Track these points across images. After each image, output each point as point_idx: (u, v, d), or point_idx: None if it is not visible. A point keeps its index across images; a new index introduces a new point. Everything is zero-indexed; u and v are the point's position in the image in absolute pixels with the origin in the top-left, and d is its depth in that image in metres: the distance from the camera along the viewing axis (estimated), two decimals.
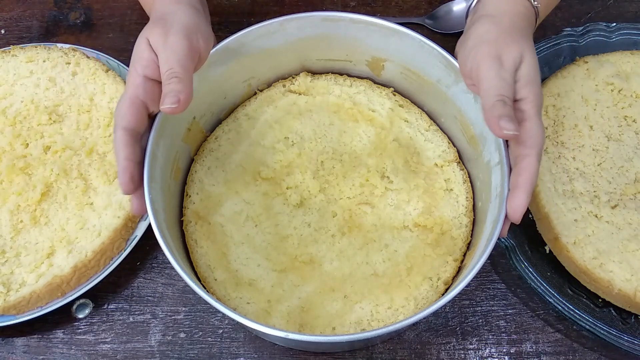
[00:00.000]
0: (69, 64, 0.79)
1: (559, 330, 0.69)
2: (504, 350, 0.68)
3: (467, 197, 0.67)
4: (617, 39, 0.81)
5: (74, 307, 0.70)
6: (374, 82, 0.73)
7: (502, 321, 0.69)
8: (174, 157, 0.64)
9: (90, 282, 0.67)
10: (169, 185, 0.63)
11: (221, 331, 0.69)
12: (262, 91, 0.73)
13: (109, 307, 0.70)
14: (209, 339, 0.69)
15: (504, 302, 0.70)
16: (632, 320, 0.66)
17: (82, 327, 0.69)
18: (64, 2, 0.92)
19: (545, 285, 0.66)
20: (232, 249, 0.63)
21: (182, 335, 0.69)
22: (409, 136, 0.70)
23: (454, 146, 0.70)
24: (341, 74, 0.73)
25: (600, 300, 0.67)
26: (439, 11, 0.89)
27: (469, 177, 0.68)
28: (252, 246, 0.64)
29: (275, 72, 0.72)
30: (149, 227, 0.67)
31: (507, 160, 0.57)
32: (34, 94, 0.77)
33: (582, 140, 0.73)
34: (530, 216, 0.72)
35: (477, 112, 0.62)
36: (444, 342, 0.68)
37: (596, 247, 0.66)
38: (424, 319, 0.59)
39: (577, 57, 0.79)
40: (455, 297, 0.52)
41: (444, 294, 0.56)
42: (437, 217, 0.65)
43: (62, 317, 0.69)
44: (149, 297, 0.71)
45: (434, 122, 0.71)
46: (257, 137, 0.69)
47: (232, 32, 0.64)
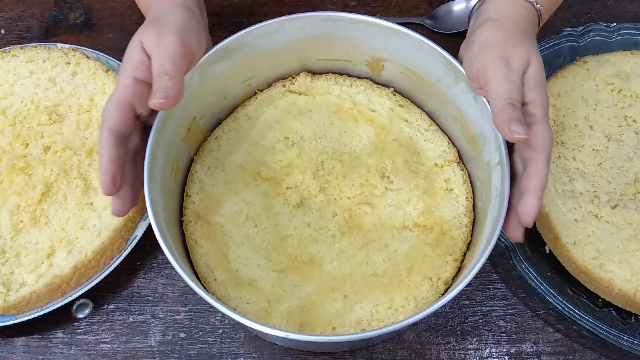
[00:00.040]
0: (69, 64, 0.79)
1: (559, 330, 0.69)
2: (504, 350, 0.68)
3: (467, 197, 0.67)
4: (617, 39, 0.81)
5: (74, 307, 0.70)
6: (374, 82, 0.73)
7: (502, 321, 0.69)
8: (174, 157, 0.64)
9: (90, 282, 0.67)
10: (169, 185, 0.63)
11: (221, 331, 0.69)
12: (262, 91, 0.73)
13: (109, 307, 0.70)
14: (209, 339, 0.69)
15: (504, 302, 0.70)
16: (632, 320, 0.66)
17: (82, 327, 0.69)
18: (64, 2, 0.92)
19: (545, 285, 0.66)
20: (232, 249, 0.63)
21: (182, 335, 0.69)
22: (409, 136, 0.70)
23: (454, 146, 0.70)
24: (341, 74, 0.73)
25: (600, 300, 0.67)
26: (439, 11, 0.89)
27: (469, 177, 0.68)
28: (252, 246, 0.64)
29: (275, 72, 0.72)
30: (149, 227, 0.67)
31: (507, 160, 0.57)
32: (34, 94, 0.77)
33: (582, 140, 0.73)
34: None
35: (477, 112, 0.62)
36: (444, 342, 0.68)
37: (596, 247, 0.66)
38: (424, 319, 0.59)
39: (577, 57, 0.79)
40: (455, 297, 0.52)
41: (444, 294, 0.56)
42: (437, 217, 0.65)
43: (62, 317, 0.69)
44: (149, 297, 0.71)
45: (434, 122, 0.71)
46: (257, 137, 0.69)
47: (232, 32, 0.64)
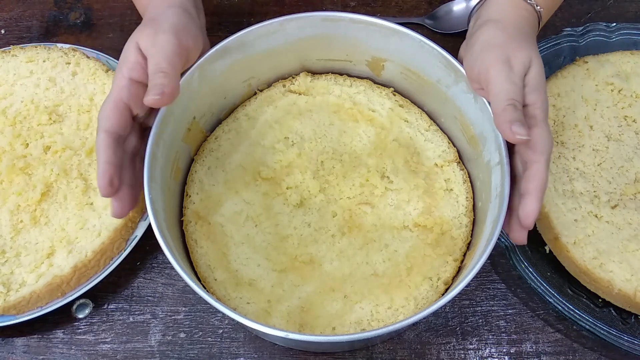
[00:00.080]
0: (69, 64, 0.79)
1: (559, 330, 0.69)
2: (504, 350, 0.68)
3: (467, 197, 0.67)
4: (617, 39, 0.81)
5: (74, 307, 0.70)
6: (374, 82, 0.73)
7: (502, 321, 0.69)
8: (174, 157, 0.64)
9: (90, 282, 0.67)
10: (169, 185, 0.63)
11: (221, 331, 0.69)
12: (262, 91, 0.73)
13: (109, 307, 0.70)
14: (209, 339, 0.69)
15: (504, 302, 0.70)
16: (632, 320, 0.66)
17: (82, 327, 0.69)
18: (64, 2, 0.92)
19: (545, 285, 0.66)
20: (232, 249, 0.63)
21: (182, 335, 0.69)
22: (409, 136, 0.70)
23: (454, 146, 0.70)
24: (341, 74, 0.73)
25: (600, 300, 0.67)
26: (439, 11, 0.89)
27: (469, 177, 0.68)
28: (252, 246, 0.64)
29: (275, 72, 0.72)
30: (149, 227, 0.67)
31: (507, 160, 0.57)
32: (34, 94, 0.77)
33: (582, 140, 0.73)
34: None
35: (477, 112, 0.62)
36: (444, 342, 0.68)
37: (596, 247, 0.66)
38: (424, 319, 0.59)
39: (577, 57, 0.79)
40: (455, 297, 0.52)
41: (444, 294, 0.56)
42: (437, 217, 0.65)
43: (62, 317, 0.69)
44: (149, 297, 0.71)
45: (434, 122, 0.71)
46: (257, 137, 0.69)
47: (232, 32, 0.64)
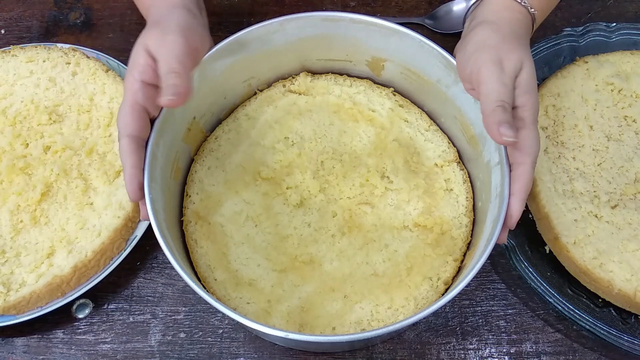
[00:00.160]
0: (69, 64, 0.79)
1: (559, 330, 0.69)
2: (504, 350, 0.68)
3: (467, 197, 0.67)
4: (617, 39, 0.81)
5: (74, 307, 0.70)
6: (374, 82, 0.73)
7: (502, 321, 0.69)
8: (174, 157, 0.64)
9: (90, 282, 0.67)
10: (169, 185, 0.63)
11: (221, 331, 0.69)
12: (262, 91, 0.73)
13: (109, 307, 0.70)
14: (209, 339, 0.69)
15: (504, 302, 0.70)
16: (632, 320, 0.66)
17: (82, 327, 0.69)
18: (64, 2, 0.92)
19: (545, 285, 0.66)
20: (232, 249, 0.63)
21: (182, 335, 0.69)
22: (409, 136, 0.70)
23: (454, 146, 0.70)
24: (341, 74, 0.73)
25: (600, 300, 0.67)
26: (439, 11, 0.89)
27: (469, 177, 0.68)
28: (252, 246, 0.64)
29: (275, 72, 0.72)
30: (149, 227, 0.67)
31: (507, 160, 0.57)
32: (34, 94, 0.77)
33: (582, 140, 0.73)
34: (530, 216, 0.72)
35: (477, 112, 0.62)
36: (444, 342, 0.68)
37: (596, 247, 0.66)
38: (424, 319, 0.59)
39: (577, 57, 0.79)
40: (455, 297, 0.52)
41: (444, 294, 0.56)
42: (437, 217, 0.65)
43: (62, 317, 0.69)
44: (149, 297, 0.71)
45: (434, 122, 0.71)
46: (257, 137, 0.69)
47: (232, 32, 0.64)
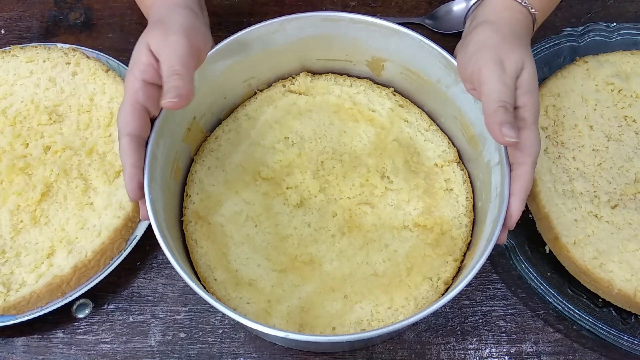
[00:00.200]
0: (69, 64, 0.79)
1: (559, 330, 0.69)
2: (504, 350, 0.68)
3: (467, 197, 0.67)
4: (617, 39, 0.81)
5: (74, 307, 0.70)
6: (374, 82, 0.73)
7: (502, 321, 0.69)
8: (174, 157, 0.64)
9: (90, 282, 0.67)
10: (169, 185, 0.63)
11: (221, 331, 0.69)
12: (262, 91, 0.73)
13: (109, 307, 0.70)
14: (209, 339, 0.69)
15: (504, 302, 0.70)
16: (632, 320, 0.66)
17: (82, 327, 0.69)
18: (64, 2, 0.92)
19: (545, 285, 0.66)
20: (232, 249, 0.63)
21: (182, 335, 0.69)
22: (409, 136, 0.70)
23: (454, 146, 0.70)
24: (341, 74, 0.73)
25: (600, 300, 0.67)
26: (439, 11, 0.89)
27: (469, 177, 0.68)
28: (252, 246, 0.64)
29: (275, 72, 0.72)
30: (149, 227, 0.67)
31: (507, 160, 0.57)
32: (34, 94, 0.77)
33: (582, 140, 0.73)
34: (530, 216, 0.72)
35: (477, 112, 0.62)
36: (444, 342, 0.68)
37: (596, 247, 0.66)
38: (424, 319, 0.59)
39: (577, 57, 0.79)
40: (455, 297, 0.52)
41: (444, 294, 0.56)
42: (437, 217, 0.65)
43: (62, 317, 0.69)
44: (149, 297, 0.71)
45: (434, 122, 0.71)
46: (257, 137, 0.69)
47: (232, 32, 0.64)
